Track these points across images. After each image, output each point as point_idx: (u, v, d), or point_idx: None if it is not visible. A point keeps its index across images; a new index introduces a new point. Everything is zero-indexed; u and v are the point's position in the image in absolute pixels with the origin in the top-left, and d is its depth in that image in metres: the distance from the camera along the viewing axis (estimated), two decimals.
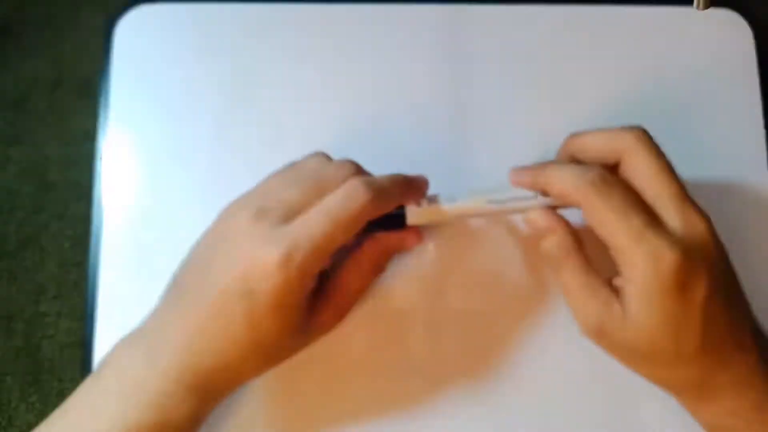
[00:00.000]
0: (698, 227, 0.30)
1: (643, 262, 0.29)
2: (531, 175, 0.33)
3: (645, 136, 0.32)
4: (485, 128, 0.41)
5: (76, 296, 0.40)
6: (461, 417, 0.37)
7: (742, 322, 0.31)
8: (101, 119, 0.41)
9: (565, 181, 0.31)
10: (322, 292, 0.33)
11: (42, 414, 0.39)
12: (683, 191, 0.31)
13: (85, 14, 0.45)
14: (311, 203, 0.30)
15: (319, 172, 0.32)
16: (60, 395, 0.39)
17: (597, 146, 0.33)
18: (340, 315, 0.35)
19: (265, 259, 0.28)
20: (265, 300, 0.29)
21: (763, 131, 0.41)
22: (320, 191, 0.31)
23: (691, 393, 0.32)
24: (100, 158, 0.41)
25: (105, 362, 0.31)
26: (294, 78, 0.42)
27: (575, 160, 0.34)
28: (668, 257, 0.28)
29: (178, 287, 0.32)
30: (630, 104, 0.41)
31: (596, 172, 0.31)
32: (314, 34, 0.42)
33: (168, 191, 0.40)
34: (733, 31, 0.43)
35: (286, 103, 0.41)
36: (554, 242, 0.32)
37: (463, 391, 0.37)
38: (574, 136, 0.34)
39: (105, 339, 0.38)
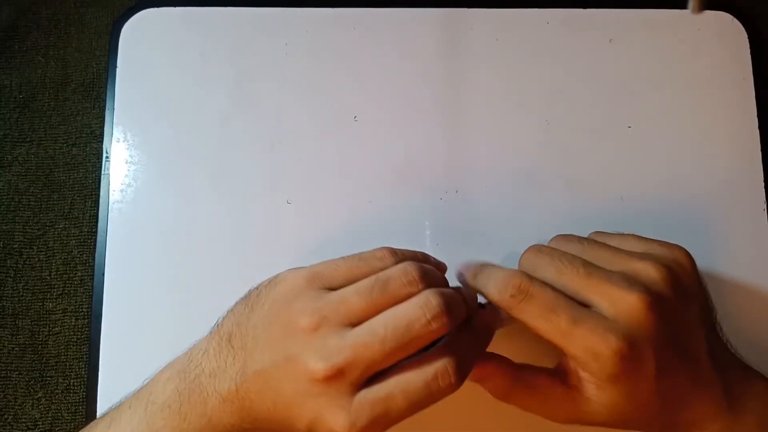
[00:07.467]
0: (627, 303, 0.29)
1: (584, 358, 0.29)
2: (470, 277, 0.33)
3: (531, 253, 0.33)
4: (483, 130, 0.42)
5: (82, 294, 0.41)
6: None
7: (704, 363, 0.31)
8: (107, 120, 0.42)
9: (492, 294, 0.31)
10: None
11: (47, 410, 0.39)
12: (601, 274, 0.31)
13: (90, 16, 0.45)
14: (372, 312, 0.30)
15: (388, 282, 0.30)
16: (66, 392, 0.40)
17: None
18: None
19: (333, 423, 0.28)
20: None
21: (757, 132, 0.42)
22: (387, 301, 0.30)
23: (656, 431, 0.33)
24: (106, 158, 0.41)
25: (154, 402, 0.31)
26: (296, 80, 0.42)
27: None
28: (605, 351, 0.29)
29: (234, 349, 0.31)
30: (624, 106, 0.42)
31: (513, 283, 0.30)
32: (316, 37, 0.43)
33: (172, 191, 0.41)
34: (728, 33, 0.43)
35: (289, 105, 0.42)
36: (492, 388, 0.32)
37: None
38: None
39: (110, 336, 0.39)
